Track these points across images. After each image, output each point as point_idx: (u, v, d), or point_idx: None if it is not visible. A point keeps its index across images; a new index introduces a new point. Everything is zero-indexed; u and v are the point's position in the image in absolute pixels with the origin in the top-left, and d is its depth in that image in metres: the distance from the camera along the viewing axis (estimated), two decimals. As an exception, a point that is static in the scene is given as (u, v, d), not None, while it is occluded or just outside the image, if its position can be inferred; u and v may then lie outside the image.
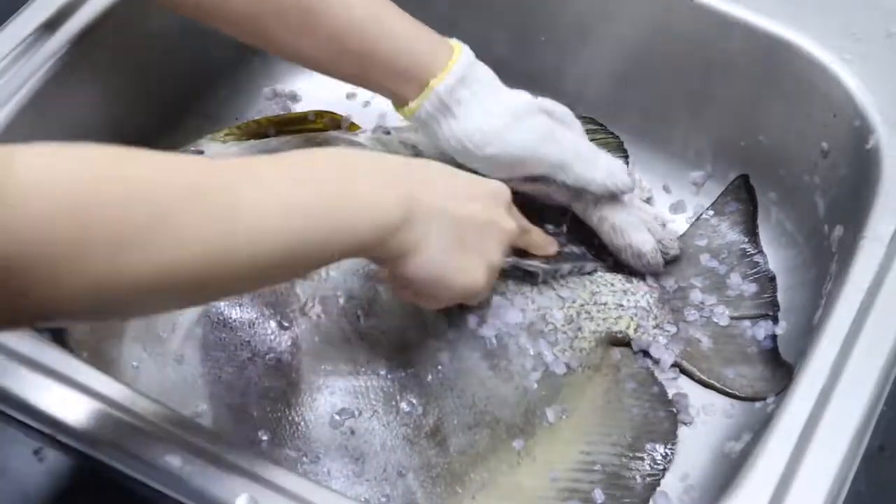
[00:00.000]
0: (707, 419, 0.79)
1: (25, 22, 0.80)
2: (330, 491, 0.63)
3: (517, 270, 0.79)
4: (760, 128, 0.88)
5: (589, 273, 0.83)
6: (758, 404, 0.77)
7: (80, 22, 0.80)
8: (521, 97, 0.77)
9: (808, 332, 0.75)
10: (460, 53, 0.75)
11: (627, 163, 0.90)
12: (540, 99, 0.78)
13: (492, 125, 0.75)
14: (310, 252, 0.58)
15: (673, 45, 0.88)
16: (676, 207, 0.91)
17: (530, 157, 0.76)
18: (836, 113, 0.81)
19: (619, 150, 0.91)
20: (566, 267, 0.81)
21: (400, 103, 0.76)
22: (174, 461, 0.61)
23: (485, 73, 0.76)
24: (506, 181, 0.73)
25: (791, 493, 0.62)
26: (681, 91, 0.90)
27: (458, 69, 0.74)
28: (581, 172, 0.78)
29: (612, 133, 0.91)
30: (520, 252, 0.78)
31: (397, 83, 0.74)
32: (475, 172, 0.74)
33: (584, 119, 0.86)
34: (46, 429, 0.63)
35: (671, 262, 0.86)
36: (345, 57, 0.74)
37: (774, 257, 0.87)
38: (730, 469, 0.70)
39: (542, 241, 0.79)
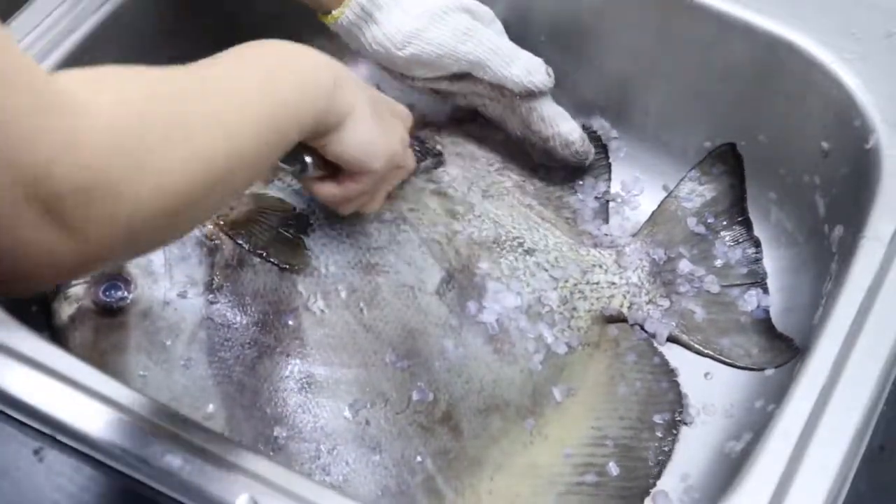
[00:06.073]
0: (707, 419, 0.79)
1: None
2: (330, 490, 0.63)
3: None
4: (760, 128, 0.88)
5: (435, 165, 0.85)
6: (758, 403, 0.77)
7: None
8: None
9: (808, 332, 0.75)
10: None
11: (610, 168, 0.91)
12: None
13: (412, 25, 0.78)
14: (284, 124, 0.59)
15: (673, 46, 0.88)
16: (676, 207, 0.91)
17: (448, 55, 0.80)
18: (836, 113, 0.81)
19: (597, 144, 0.92)
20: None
21: (323, 12, 0.79)
22: (174, 461, 0.61)
23: None
24: (431, 80, 0.80)
25: (791, 493, 0.62)
26: (680, 91, 0.90)
27: None
28: (498, 69, 0.81)
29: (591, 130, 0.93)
30: None
31: None
32: (399, 76, 0.81)
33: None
34: (46, 429, 0.63)
35: (653, 227, 0.87)
36: None
37: (774, 257, 0.87)
38: (730, 469, 0.70)
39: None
